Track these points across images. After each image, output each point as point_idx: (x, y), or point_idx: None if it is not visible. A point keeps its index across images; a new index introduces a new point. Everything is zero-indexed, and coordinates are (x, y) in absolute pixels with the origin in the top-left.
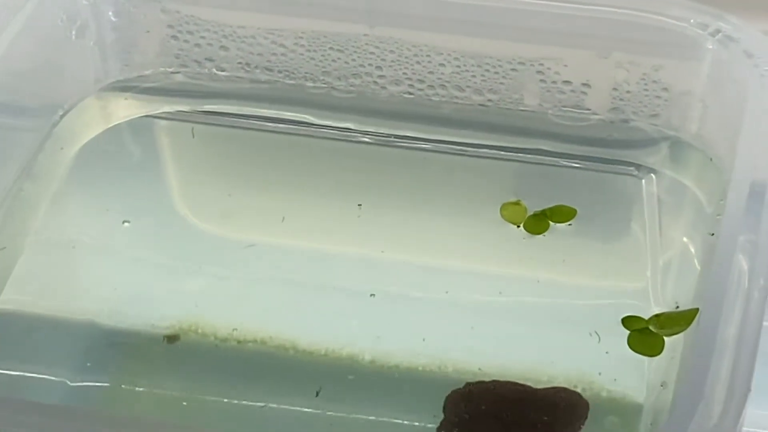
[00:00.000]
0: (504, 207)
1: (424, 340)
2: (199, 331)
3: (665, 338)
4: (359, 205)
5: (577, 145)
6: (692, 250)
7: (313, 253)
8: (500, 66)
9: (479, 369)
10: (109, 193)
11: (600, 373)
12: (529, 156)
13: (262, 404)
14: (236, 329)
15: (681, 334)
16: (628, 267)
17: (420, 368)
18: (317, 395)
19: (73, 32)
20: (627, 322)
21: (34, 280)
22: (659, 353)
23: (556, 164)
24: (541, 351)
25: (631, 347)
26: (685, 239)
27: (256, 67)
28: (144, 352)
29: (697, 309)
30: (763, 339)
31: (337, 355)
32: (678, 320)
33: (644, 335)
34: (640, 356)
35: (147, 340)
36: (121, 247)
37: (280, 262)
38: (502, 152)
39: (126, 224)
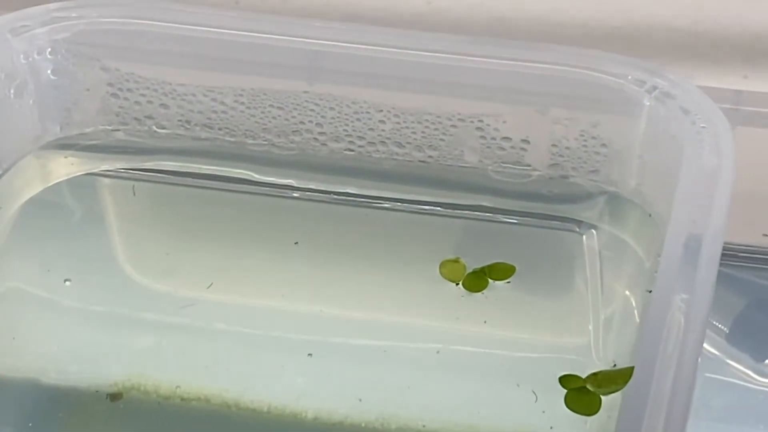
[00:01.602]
0: (443, 264)
1: (360, 400)
2: (142, 388)
3: (602, 397)
4: (300, 261)
5: (518, 201)
6: (633, 304)
7: (253, 309)
8: (440, 122)
9: (423, 426)
10: (50, 252)
11: (536, 429)
12: (470, 212)
13: None
14: (179, 387)
15: (619, 393)
16: (569, 322)
17: (363, 425)
18: None
19: (12, 91)
20: (564, 380)
21: None
22: (596, 412)
23: (497, 220)
24: (479, 408)
25: (568, 406)
26: (626, 293)
27: (196, 124)
28: (87, 410)
29: (633, 368)
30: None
31: (280, 413)
32: (615, 379)
33: (581, 394)
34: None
35: (90, 398)
36: (64, 305)
37: (221, 319)
38: (443, 209)
39: (68, 283)
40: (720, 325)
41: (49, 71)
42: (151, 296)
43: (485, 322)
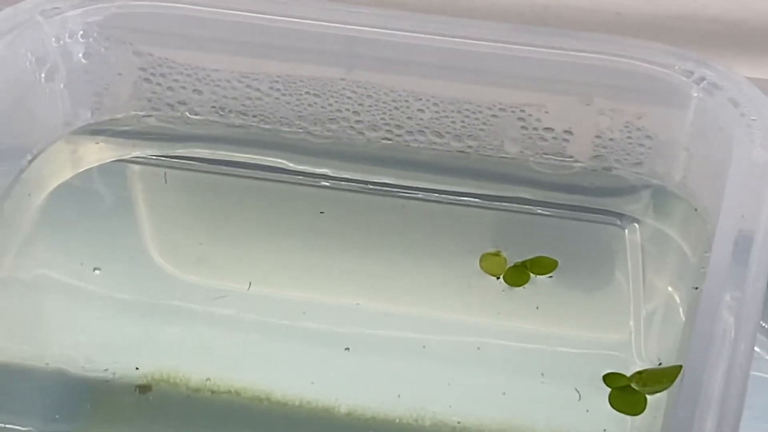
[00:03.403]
0: (483, 258)
1: (399, 396)
2: (172, 380)
3: (647, 396)
4: (336, 252)
5: (559, 194)
6: (677, 300)
7: (287, 302)
8: (480, 112)
9: (458, 423)
10: (79, 240)
11: (578, 429)
12: (509, 204)
13: None
14: (209, 379)
15: (664, 392)
16: (610, 318)
17: (397, 421)
18: None
19: (42, 75)
20: (608, 379)
21: (2, 328)
22: (641, 412)
23: (537, 213)
24: (519, 406)
25: (612, 405)
26: (669, 289)
27: (230, 111)
28: (115, 402)
29: (680, 366)
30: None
31: (312, 407)
32: (661, 378)
33: (626, 393)
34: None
35: (118, 389)
36: (92, 295)
37: (254, 311)
38: (482, 200)
39: (97, 272)
40: (762, 323)
41: (80, 55)
42: (182, 286)
43: (526, 317)
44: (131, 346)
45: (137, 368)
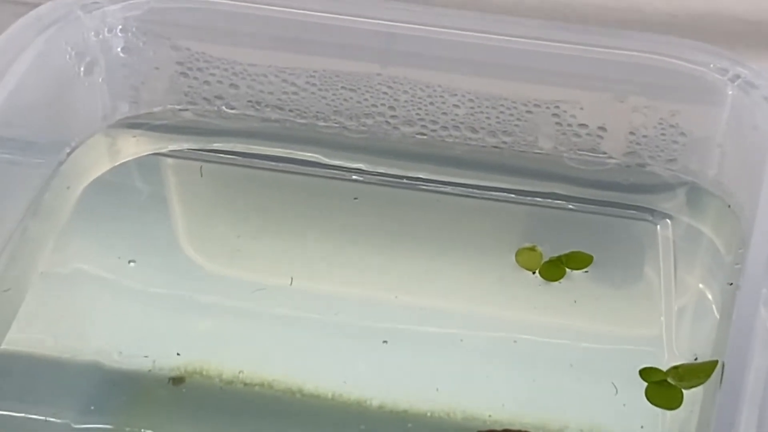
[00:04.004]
0: (519, 253)
1: (437, 390)
2: (205, 373)
3: (684, 391)
4: (371, 247)
5: (592, 189)
6: (710, 297)
7: (322, 296)
8: (515, 108)
9: (489, 416)
10: (115, 232)
11: (612, 423)
12: (544, 200)
13: None
14: (242, 372)
15: (700, 387)
16: (642, 314)
17: (428, 414)
18: None
19: (82, 68)
20: (645, 373)
21: (38, 320)
22: (678, 406)
23: (571, 208)
24: (554, 399)
25: (649, 399)
26: (701, 286)
27: (266, 105)
28: (149, 394)
29: (717, 361)
30: None
31: (345, 400)
32: (697, 372)
33: (663, 387)
34: (654, 407)
35: (152, 382)
36: (127, 287)
37: (288, 305)
38: (516, 195)
39: (132, 264)
40: None
41: (119, 49)
42: (217, 280)
43: (562, 312)
44: (165, 338)
45: (170, 361)
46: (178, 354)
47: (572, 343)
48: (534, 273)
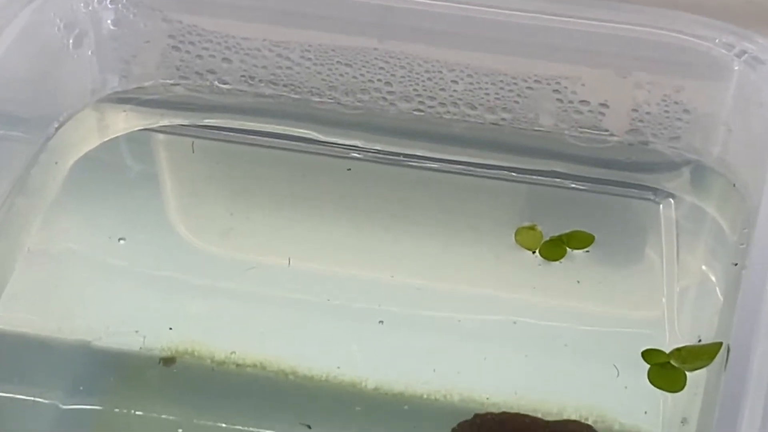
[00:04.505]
0: (519, 232)
1: (434, 371)
2: (196, 353)
3: (687, 373)
4: (367, 226)
5: (594, 168)
6: (713, 279)
7: (316, 275)
8: (515, 84)
9: (487, 399)
10: (104, 209)
11: (613, 406)
12: (544, 178)
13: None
14: (234, 352)
15: (703, 370)
16: (644, 295)
17: (425, 396)
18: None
19: (71, 41)
20: (647, 355)
21: (26, 299)
22: (681, 389)
23: (571, 187)
24: (553, 381)
25: (651, 382)
26: (704, 267)
27: (260, 80)
28: (138, 374)
29: (721, 343)
30: None
31: (339, 382)
32: (701, 354)
33: (665, 370)
34: (655, 389)
35: (142, 362)
36: (116, 266)
37: (281, 284)
38: (516, 173)
39: (122, 242)
40: None
41: (109, 21)
42: (208, 259)
43: (562, 292)
44: (156, 318)
45: (161, 341)
46: (170, 329)
47: (572, 324)
48: (534, 252)
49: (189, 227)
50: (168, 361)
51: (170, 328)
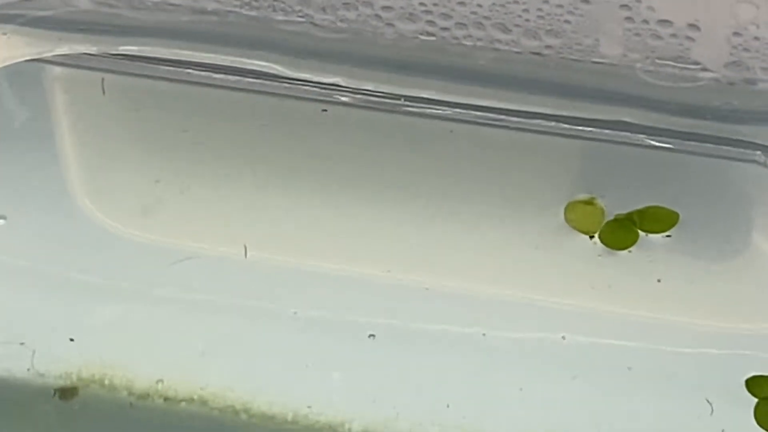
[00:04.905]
0: (570, 207)
1: (448, 407)
2: (106, 382)
3: None
4: (352, 199)
5: (678, 117)
6: None
7: (279, 269)
8: None
9: None
10: None
11: None
12: (607, 132)
13: None
14: (161, 381)
15: None
16: (749, 300)
17: None
18: None
19: None
20: (754, 385)
21: None
22: None
23: (647, 144)
24: (621, 422)
25: (759, 422)
26: None
27: None
28: (26, 410)
29: None
30: None
31: (310, 423)
32: None
33: None
34: None
35: (30, 393)
36: None
37: (229, 283)
38: (567, 125)
39: (1, 221)
40: None
41: None
42: (125, 246)
43: (633, 294)
44: (49, 329)
45: (57, 364)
46: (71, 340)
47: (647, 342)
48: (592, 238)
49: (97, 201)
50: (66, 392)
51: (70, 345)
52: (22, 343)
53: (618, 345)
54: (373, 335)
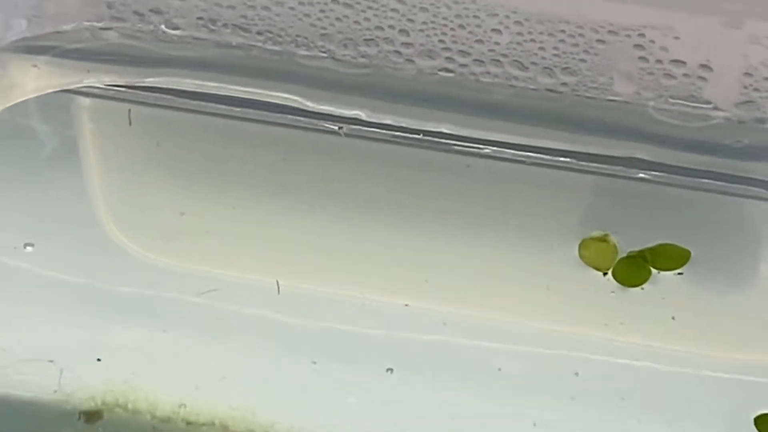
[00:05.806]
0: (585, 244)
1: None
2: (130, 406)
3: None
4: (371, 231)
5: (690, 154)
6: None
7: (300, 299)
8: (582, 35)
9: None
10: (6, 203)
11: None
12: (620, 168)
13: None
14: (184, 405)
15: None
16: (762, 333)
17: None
18: None
19: None
20: (762, 423)
21: None
22: None
23: (659, 181)
24: None
25: None
26: None
27: (223, 24)
28: None
29: None
30: None
31: None
32: None
33: None
34: None
35: (56, 416)
36: (22, 279)
37: (251, 312)
38: (581, 162)
39: (29, 248)
40: None
41: None
42: (150, 273)
43: (646, 330)
44: (74, 353)
45: (83, 387)
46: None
47: (660, 375)
48: (605, 274)
49: (124, 229)
50: (91, 416)
51: (95, 369)
52: (51, 361)
53: (632, 377)
54: (390, 370)
